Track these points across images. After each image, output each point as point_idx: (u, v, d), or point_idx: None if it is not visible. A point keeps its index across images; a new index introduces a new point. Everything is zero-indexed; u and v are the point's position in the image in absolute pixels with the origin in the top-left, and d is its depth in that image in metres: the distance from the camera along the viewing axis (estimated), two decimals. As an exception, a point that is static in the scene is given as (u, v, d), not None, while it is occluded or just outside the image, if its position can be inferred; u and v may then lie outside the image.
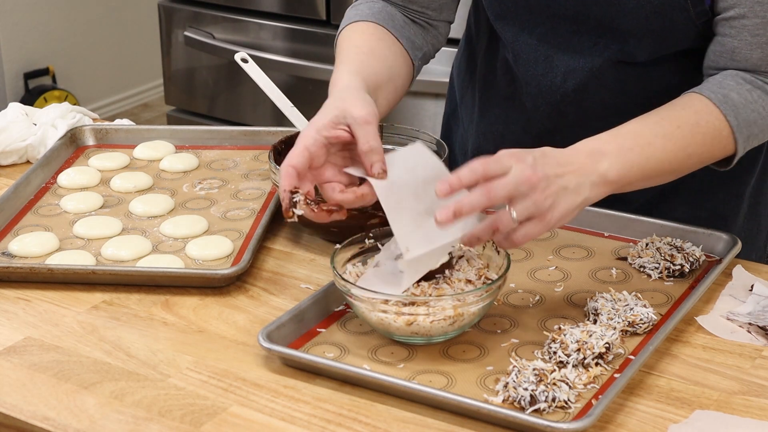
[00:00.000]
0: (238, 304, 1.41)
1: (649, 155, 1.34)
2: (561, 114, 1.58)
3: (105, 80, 4.61)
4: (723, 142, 1.40)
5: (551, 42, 1.55)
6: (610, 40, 1.51)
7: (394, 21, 1.57)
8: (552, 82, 1.57)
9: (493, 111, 1.68)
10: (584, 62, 1.53)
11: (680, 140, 1.37)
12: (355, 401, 1.22)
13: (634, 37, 1.49)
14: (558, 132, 1.59)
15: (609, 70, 1.53)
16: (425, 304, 1.26)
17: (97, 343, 1.34)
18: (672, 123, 1.37)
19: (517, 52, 1.59)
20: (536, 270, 1.46)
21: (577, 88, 1.55)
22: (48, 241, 1.52)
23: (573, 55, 1.54)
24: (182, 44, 3.43)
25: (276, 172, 1.53)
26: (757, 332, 1.33)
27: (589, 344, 1.24)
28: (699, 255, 1.45)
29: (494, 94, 1.67)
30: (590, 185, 1.29)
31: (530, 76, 1.59)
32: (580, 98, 1.56)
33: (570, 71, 1.55)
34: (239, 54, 1.68)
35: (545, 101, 1.58)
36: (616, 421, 1.18)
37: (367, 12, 1.57)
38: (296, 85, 3.22)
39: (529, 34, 1.56)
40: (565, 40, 1.54)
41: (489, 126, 1.69)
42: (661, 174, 1.38)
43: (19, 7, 4.20)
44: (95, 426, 1.19)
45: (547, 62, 1.56)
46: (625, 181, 1.33)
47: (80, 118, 1.88)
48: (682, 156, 1.37)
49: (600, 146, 1.32)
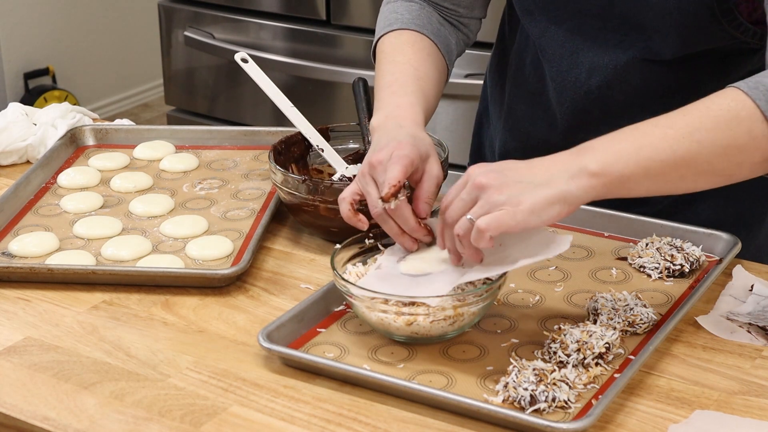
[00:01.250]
0: (238, 304, 1.41)
1: (643, 144, 1.24)
2: (585, 111, 1.58)
3: (105, 80, 4.61)
4: (747, 126, 1.24)
5: (577, 38, 1.55)
6: (636, 37, 1.50)
7: (432, 25, 1.58)
8: (576, 78, 1.56)
9: (520, 108, 1.68)
10: (609, 59, 1.53)
11: (684, 126, 1.24)
12: (355, 401, 1.22)
13: (658, 33, 1.48)
14: (582, 129, 1.57)
15: (634, 68, 1.52)
16: (425, 304, 1.26)
17: (97, 343, 1.34)
18: (677, 113, 1.26)
19: (543, 48, 1.59)
20: (536, 270, 1.46)
21: (601, 84, 1.54)
22: (48, 241, 1.52)
23: (598, 52, 1.53)
24: (182, 44, 3.43)
25: (276, 172, 1.53)
26: (757, 332, 1.33)
27: (589, 344, 1.24)
28: (699, 255, 1.45)
29: (522, 91, 1.67)
30: (568, 177, 1.23)
31: (555, 72, 1.58)
32: (604, 95, 1.55)
33: (595, 68, 1.54)
34: (239, 54, 1.68)
35: (569, 97, 1.58)
36: (616, 421, 1.18)
37: (407, 16, 1.58)
38: (296, 85, 3.22)
39: (556, 29, 1.56)
40: (590, 36, 1.53)
41: (516, 123, 1.69)
42: (669, 167, 1.24)
43: (19, 7, 4.20)
44: (95, 426, 1.19)
45: (573, 58, 1.56)
46: (615, 172, 1.23)
47: (80, 118, 1.88)
48: (688, 143, 1.23)
49: (590, 143, 1.26)
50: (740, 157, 1.25)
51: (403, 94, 1.46)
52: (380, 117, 1.43)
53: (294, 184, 1.51)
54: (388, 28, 1.58)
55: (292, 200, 1.53)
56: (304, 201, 1.51)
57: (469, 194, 1.24)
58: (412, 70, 1.51)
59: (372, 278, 1.32)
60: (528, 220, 1.21)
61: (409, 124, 1.41)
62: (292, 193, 1.52)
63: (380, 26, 1.60)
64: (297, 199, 1.52)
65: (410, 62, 1.52)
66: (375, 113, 1.45)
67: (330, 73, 3.16)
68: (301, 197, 1.51)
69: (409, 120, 1.42)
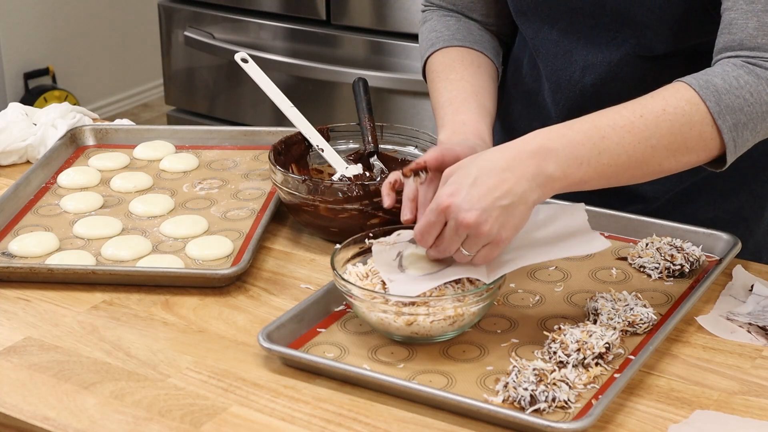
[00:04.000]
0: (238, 304, 1.41)
1: (602, 149, 1.28)
2: (580, 109, 1.57)
3: (105, 80, 4.61)
4: (699, 130, 1.30)
5: (571, 37, 1.56)
6: (628, 33, 1.51)
7: (473, 35, 1.62)
8: (571, 76, 1.57)
9: (516, 108, 1.69)
10: (603, 57, 1.54)
11: (642, 131, 1.29)
12: (355, 401, 1.22)
13: (650, 29, 1.48)
14: None
15: (627, 65, 1.53)
16: (425, 304, 1.26)
17: (97, 343, 1.34)
18: (635, 112, 1.30)
19: (537, 48, 1.60)
20: (536, 270, 1.46)
21: (595, 82, 1.55)
22: (48, 241, 1.52)
23: (592, 50, 1.54)
24: (182, 44, 3.43)
25: (276, 172, 1.53)
26: (757, 332, 1.33)
27: (589, 344, 1.24)
28: (699, 255, 1.45)
29: (519, 91, 1.68)
30: (537, 186, 1.27)
31: (550, 71, 1.59)
32: (598, 93, 1.56)
33: (589, 66, 1.55)
34: (239, 54, 1.68)
35: (564, 96, 1.59)
36: (616, 421, 1.18)
37: (447, 33, 1.61)
38: (296, 85, 3.22)
39: (549, 29, 1.57)
40: (584, 34, 1.54)
41: (513, 123, 1.70)
42: (623, 169, 1.30)
43: (19, 7, 4.20)
44: (95, 426, 1.19)
45: (567, 57, 1.57)
46: (575, 178, 1.28)
47: (80, 118, 1.88)
48: (643, 148, 1.29)
49: (547, 143, 1.28)
50: (688, 158, 1.32)
51: (465, 112, 1.49)
52: (447, 133, 1.47)
53: (294, 184, 1.51)
54: (432, 48, 1.61)
55: (292, 200, 1.53)
56: (304, 201, 1.51)
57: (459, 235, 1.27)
58: (469, 86, 1.54)
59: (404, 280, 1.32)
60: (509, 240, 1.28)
61: (473, 138, 1.44)
62: (292, 193, 1.52)
63: (424, 47, 1.64)
64: (297, 199, 1.52)
65: (464, 78, 1.55)
66: (440, 130, 1.49)
67: (330, 73, 3.16)
68: (301, 197, 1.51)
69: (472, 135, 1.45)
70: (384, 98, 3.09)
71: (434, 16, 1.66)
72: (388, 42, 3.07)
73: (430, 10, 1.68)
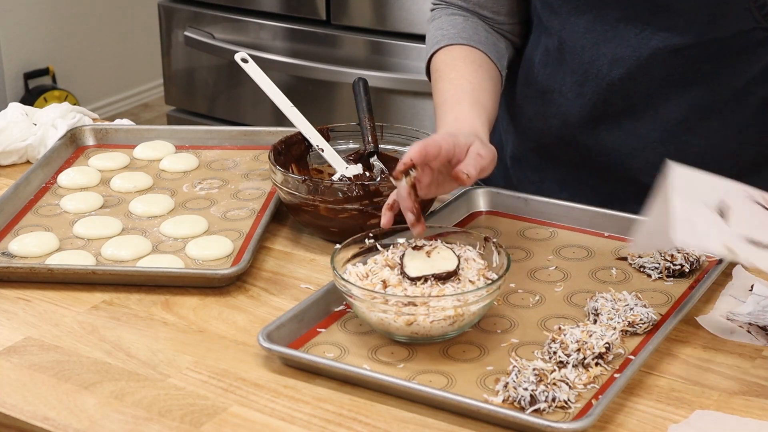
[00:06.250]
0: (238, 304, 1.41)
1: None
2: (606, 104, 1.58)
3: (105, 80, 4.61)
4: None
5: (598, 29, 1.55)
6: (658, 24, 1.50)
7: (479, 34, 1.63)
8: (599, 70, 1.57)
9: (530, 108, 1.69)
10: (631, 50, 1.53)
11: None
12: (355, 401, 1.22)
13: (683, 17, 1.48)
14: (602, 121, 1.59)
15: (655, 59, 1.53)
16: (425, 304, 1.26)
17: (97, 343, 1.34)
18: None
19: (563, 40, 1.59)
20: (536, 270, 1.46)
21: (622, 76, 1.55)
22: (48, 241, 1.52)
23: (620, 43, 1.54)
24: (182, 44, 3.43)
25: (276, 172, 1.53)
26: (757, 332, 1.33)
27: (589, 344, 1.24)
28: (699, 255, 1.45)
29: (532, 90, 1.68)
30: None
31: (577, 64, 1.59)
32: (625, 87, 1.56)
33: (616, 59, 1.55)
34: (239, 54, 1.68)
35: (591, 90, 1.58)
36: (616, 421, 1.18)
37: (453, 31, 1.62)
38: (296, 85, 3.22)
39: (577, 20, 1.57)
40: (612, 27, 1.54)
41: (528, 123, 1.70)
42: None
43: (19, 7, 4.20)
44: (95, 426, 1.19)
45: (594, 50, 1.56)
46: None
47: (80, 118, 1.88)
48: None
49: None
50: None
51: (460, 110, 1.51)
52: (441, 132, 1.48)
53: (294, 184, 1.51)
54: (437, 45, 1.62)
55: (292, 200, 1.53)
56: (304, 201, 1.51)
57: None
58: (466, 84, 1.55)
59: None
60: None
61: (467, 130, 1.45)
62: (292, 193, 1.52)
63: (429, 44, 1.65)
64: (297, 199, 1.52)
65: (464, 77, 1.57)
66: (438, 129, 1.51)
67: (330, 73, 3.16)
68: (301, 197, 1.51)
69: (467, 128, 1.47)
70: (384, 98, 3.09)
71: (442, 14, 1.67)
72: (388, 42, 3.07)
73: (440, 8, 1.68)
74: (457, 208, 1.59)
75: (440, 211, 1.56)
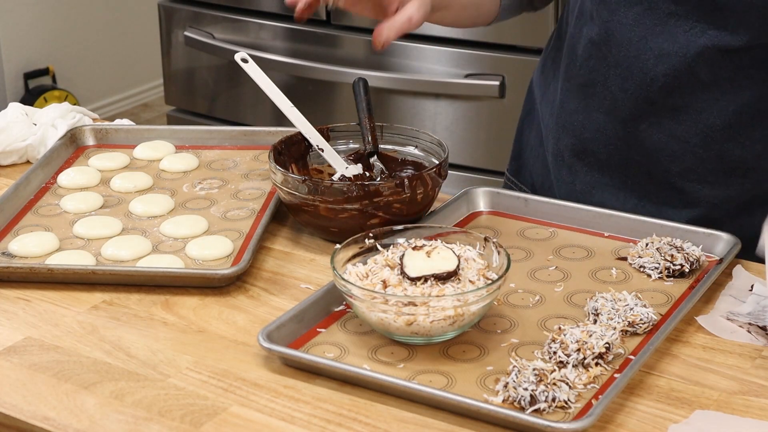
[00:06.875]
0: (238, 304, 1.42)
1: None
2: (648, 101, 1.56)
3: (105, 80, 4.62)
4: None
5: (647, 23, 1.53)
6: (709, 22, 1.49)
7: None
8: (644, 64, 1.54)
9: (573, 102, 1.66)
10: (679, 47, 1.51)
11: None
12: (355, 401, 1.22)
13: (735, 17, 1.47)
14: (644, 119, 1.57)
15: (702, 58, 1.51)
16: (425, 304, 1.26)
17: (97, 343, 1.34)
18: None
19: (610, 32, 1.57)
20: (536, 270, 1.46)
21: (667, 73, 1.53)
22: (48, 241, 1.52)
23: (668, 38, 1.52)
24: (182, 44, 3.43)
25: (276, 172, 1.53)
26: (757, 332, 1.33)
27: (589, 344, 1.25)
28: (699, 255, 1.45)
29: (574, 84, 1.65)
30: None
31: (622, 58, 1.57)
32: (669, 85, 1.54)
33: (663, 55, 1.53)
34: (239, 54, 1.68)
35: (634, 84, 1.56)
36: (616, 421, 1.18)
37: None
38: (296, 85, 3.22)
39: (626, 12, 1.55)
40: (661, 21, 1.52)
41: (569, 117, 1.66)
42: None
43: (19, 7, 4.20)
44: (95, 426, 1.19)
45: (641, 44, 1.54)
46: None
47: (80, 118, 1.88)
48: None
49: None
50: None
51: None
52: None
53: (294, 184, 1.51)
54: None
55: (292, 200, 1.53)
56: (304, 201, 1.51)
57: None
58: None
59: None
60: None
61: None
62: (292, 193, 1.52)
63: None
64: (297, 199, 1.52)
65: None
66: None
67: (330, 73, 3.16)
68: (301, 197, 1.51)
69: None
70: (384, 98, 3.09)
71: None
72: (388, 42, 3.06)
73: None
74: (457, 208, 1.59)
75: (440, 211, 1.56)
